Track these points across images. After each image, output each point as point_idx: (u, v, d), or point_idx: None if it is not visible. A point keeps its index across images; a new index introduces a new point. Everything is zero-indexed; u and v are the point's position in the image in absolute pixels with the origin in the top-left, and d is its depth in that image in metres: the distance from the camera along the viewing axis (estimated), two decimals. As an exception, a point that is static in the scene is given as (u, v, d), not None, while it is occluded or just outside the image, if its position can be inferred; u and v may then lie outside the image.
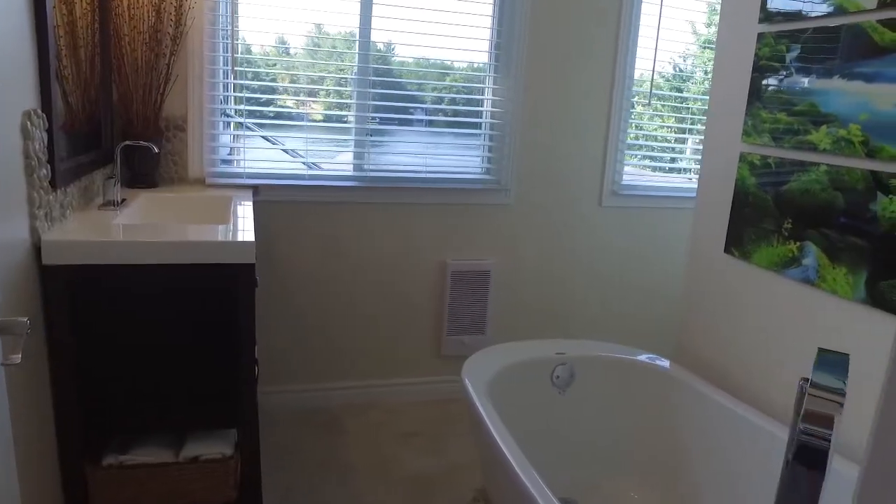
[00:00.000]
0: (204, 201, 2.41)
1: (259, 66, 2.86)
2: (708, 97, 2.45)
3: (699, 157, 3.57)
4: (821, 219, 1.85)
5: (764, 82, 2.05)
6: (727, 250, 2.20)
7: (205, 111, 2.60)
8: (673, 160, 3.60)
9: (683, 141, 3.60)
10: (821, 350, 0.90)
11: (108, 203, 2.11)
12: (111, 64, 2.32)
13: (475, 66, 3.01)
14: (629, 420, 2.35)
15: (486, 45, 2.99)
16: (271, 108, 2.84)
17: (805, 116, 1.90)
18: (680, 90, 3.53)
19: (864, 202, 1.73)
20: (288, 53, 2.88)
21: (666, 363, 2.40)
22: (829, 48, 1.83)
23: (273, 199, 2.77)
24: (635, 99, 3.27)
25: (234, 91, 2.73)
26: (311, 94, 2.90)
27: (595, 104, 3.13)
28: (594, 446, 2.34)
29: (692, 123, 3.52)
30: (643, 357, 2.43)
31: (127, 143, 2.22)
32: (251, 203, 2.38)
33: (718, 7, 2.38)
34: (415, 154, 3.02)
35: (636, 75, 3.22)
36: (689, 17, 3.32)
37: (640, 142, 3.40)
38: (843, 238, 1.79)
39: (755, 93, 2.08)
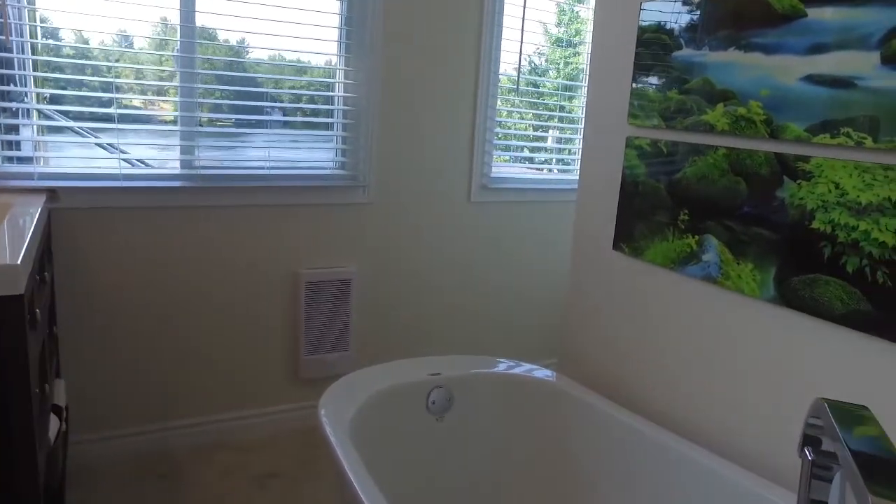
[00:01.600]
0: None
1: (68, 52, 2.30)
2: (586, 78, 2.22)
3: (563, 148, 3.47)
4: (721, 209, 1.65)
5: (650, 57, 1.83)
6: (616, 247, 1.96)
7: (-30, 95, 2.01)
8: (535, 150, 3.39)
9: (545, 136, 3.41)
10: (832, 406, 0.61)
11: None
12: None
13: (322, 52, 2.60)
14: (517, 442, 2.07)
15: (334, 33, 2.60)
16: (77, 93, 2.28)
17: (699, 94, 1.69)
18: (536, 85, 3.33)
19: (770, 189, 1.54)
20: (84, 44, 2.34)
21: (552, 375, 2.14)
22: (723, 17, 1.63)
23: (79, 205, 2.23)
24: (502, 86, 3.01)
25: (32, 70, 2.16)
26: (127, 86, 2.37)
27: (460, 93, 2.83)
28: (479, 475, 2.04)
29: (548, 119, 3.34)
30: (527, 370, 2.16)
31: None
32: (39, 211, 1.85)
33: (567, 7, 2.15)
34: (256, 150, 2.58)
35: (500, 69, 2.96)
36: (541, 17, 3.13)
37: (510, 130, 3.15)
38: (747, 230, 1.59)
39: (641, 69, 1.85)
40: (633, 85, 1.87)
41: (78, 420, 2.33)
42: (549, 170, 3.35)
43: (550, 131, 3.43)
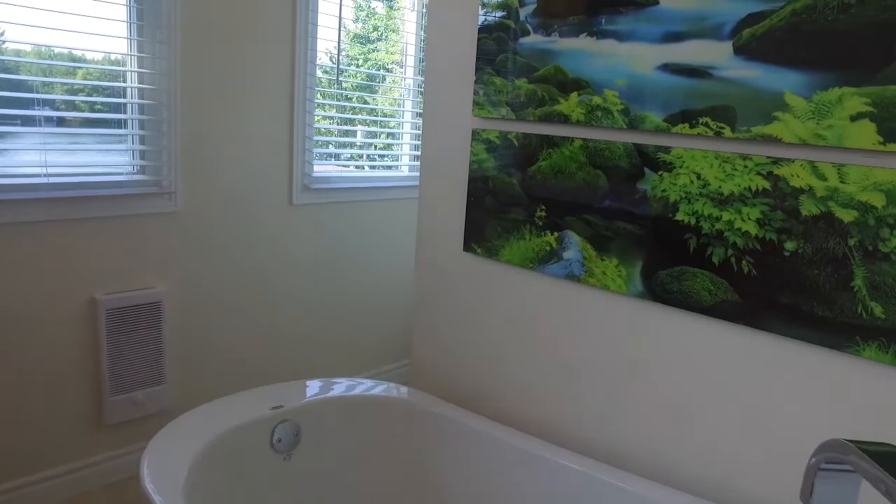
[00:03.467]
0: None
1: None
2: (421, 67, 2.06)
3: (373, 143, 3.31)
4: (581, 203, 1.58)
5: (494, 43, 1.71)
6: (467, 248, 1.83)
7: None
8: (350, 146, 3.19)
9: (354, 131, 3.22)
10: (860, 447, 0.50)
11: None
12: None
13: (105, 33, 2.18)
14: (374, 470, 1.88)
15: (122, 12, 2.19)
16: None
17: (550, 83, 1.60)
18: (340, 84, 3.13)
19: (631, 181, 1.49)
20: None
21: (404, 392, 1.97)
22: (572, 1, 1.55)
23: None
24: (321, 77, 2.77)
25: None
26: None
27: (275, 86, 2.55)
28: (336, 513, 1.82)
29: (354, 113, 3.17)
30: (377, 389, 1.97)
31: None
32: None
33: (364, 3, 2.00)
34: (28, 154, 2.11)
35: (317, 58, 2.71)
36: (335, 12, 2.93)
37: (332, 125, 2.92)
38: (609, 224, 1.53)
39: (485, 56, 1.73)
40: (477, 73, 1.75)
41: None
42: (371, 167, 3.17)
43: (358, 127, 3.25)
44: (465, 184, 1.81)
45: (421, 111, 3.26)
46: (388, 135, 3.27)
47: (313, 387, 1.95)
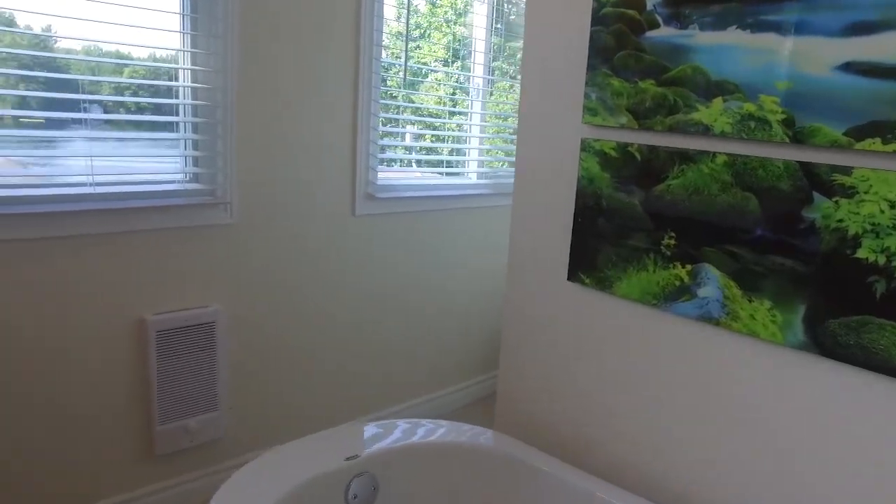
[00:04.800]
0: None
1: None
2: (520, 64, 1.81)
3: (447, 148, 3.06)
4: (723, 231, 1.31)
5: (612, 38, 1.44)
6: (573, 277, 1.57)
7: None
8: (422, 151, 2.95)
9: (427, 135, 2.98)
10: None
11: None
12: None
13: (158, 27, 1.97)
14: (456, 528, 1.64)
15: (174, 3, 1.99)
16: None
17: (685, 86, 1.33)
18: (407, 83, 2.88)
19: (794, 207, 1.21)
20: None
21: (490, 437, 1.73)
22: (719, -14, 1.28)
23: None
24: (386, 74, 2.53)
25: None
26: None
27: (337, 86, 2.31)
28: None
29: (418, 114, 2.91)
30: (463, 436, 1.72)
31: None
32: None
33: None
34: (74, 160, 1.91)
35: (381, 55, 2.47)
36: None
37: (399, 128, 2.69)
38: (761, 259, 1.26)
39: (599, 54, 1.47)
40: (589, 74, 1.49)
41: None
42: (437, 174, 2.92)
43: (423, 130, 3.00)
44: (572, 202, 1.56)
45: (489, 113, 3.03)
46: (455, 139, 3.02)
47: (390, 430, 1.71)
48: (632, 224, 1.44)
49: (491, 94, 2.98)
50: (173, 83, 2.06)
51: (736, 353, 1.31)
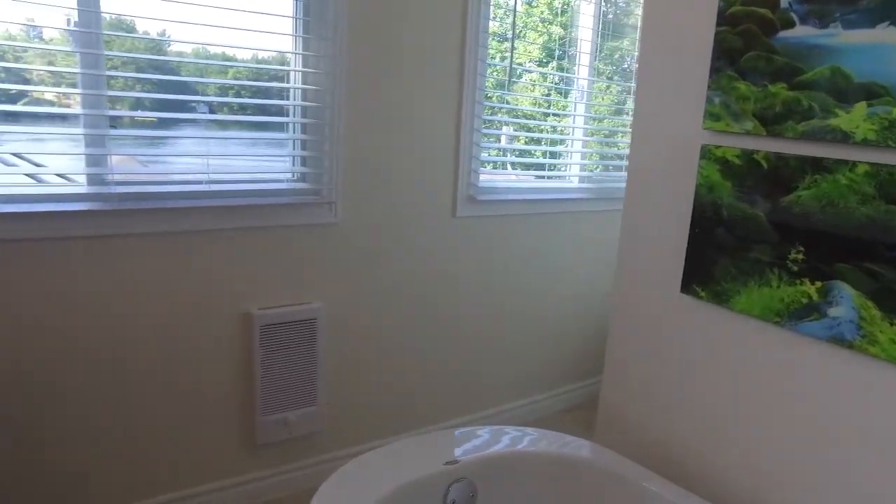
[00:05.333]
0: None
1: None
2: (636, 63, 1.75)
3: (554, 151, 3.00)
4: (861, 247, 1.20)
5: (740, 39, 1.36)
6: (687, 289, 1.50)
7: None
8: (522, 154, 2.90)
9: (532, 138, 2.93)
10: None
11: None
12: None
13: (272, 31, 2.02)
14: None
15: (287, 6, 2.03)
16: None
17: (822, 89, 1.24)
18: (511, 84, 2.84)
19: (949, 223, 1.10)
20: None
21: (588, 449, 1.67)
22: (866, -19, 1.18)
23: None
24: (491, 74, 2.51)
25: None
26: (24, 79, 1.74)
27: (442, 87, 2.31)
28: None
29: (519, 117, 2.86)
30: (565, 447, 1.68)
31: None
32: None
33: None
34: (190, 160, 1.99)
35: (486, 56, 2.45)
36: None
37: (502, 131, 2.66)
38: (906, 278, 1.15)
39: (725, 56, 1.39)
40: (713, 75, 1.41)
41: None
42: (538, 177, 2.87)
43: (524, 133, 2.95)
44: (688, 211, 1.48)
45: (591, 116, 2.95)
46: (555, 142, 2.97)
47: (488, 437, 1.69)
48: (754, 236, 1.36)
49: (593, 97, 2.91)
50: (284, 85, 2.11)
51: (873, 380, 1.21)
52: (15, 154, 1.77)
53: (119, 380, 1.88)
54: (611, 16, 2.92)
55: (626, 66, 3.05)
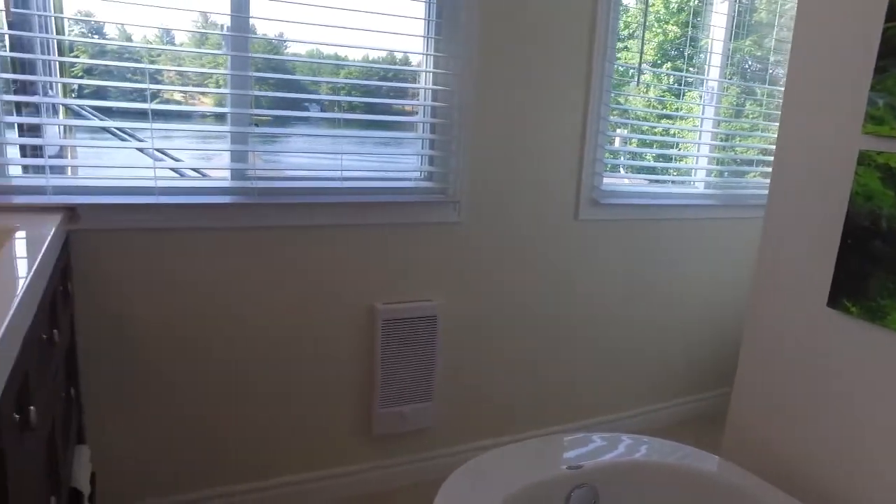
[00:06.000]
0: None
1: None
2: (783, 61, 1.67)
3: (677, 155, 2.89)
4: None
5: (909, 38, 1.27)
6: (835, 303, 1.42)
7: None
8: (651, 158, 2.83)
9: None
10: None
11: None
12: None
13: (406, 32, 2.08)
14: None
15: (420, 8, 2.08)
16: (108, 83, 1.80)
17: None
18: (640, 85, 2.76)
19: None
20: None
21: (714, 463, 1.61)
22: None
23: (103, 226, 1.75)
24: (620, 75, 2.46)
25: (54, 53, 1.68)
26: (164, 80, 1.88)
27: (568, 88, 2.29)
28: None
29: (648, 120, 2.77)
30: (687, 457, 1.63)
31: None
32: (49, 237, 1.37)
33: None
34: (322, 156, 2.07)
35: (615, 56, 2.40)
36: None
37: (627, 133, 2.60)
38: None
39: (894, 54, 1.30)
40: (877, 74, 1.32)
41: (103, 491, 1.86)
42: (661, 182, 2.78)
43: (647, 136, 2.87)
44: (839, 221, 1.40)
45: (721, 119, 2.83)
46: (675, 145, 2.88)
47: (611, 443, 1.66)
48: (920, 249, 1.26)
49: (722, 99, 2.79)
50: (416, 85, 2.16)
51: None
52: (158, 150, 1.91)
53: (248, 360, 1.99)
54: (733, 15, 2.80)
55: (746, 66, 2.91)
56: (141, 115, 1.79)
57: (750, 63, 2.94)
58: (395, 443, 2.29)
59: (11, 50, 1.64)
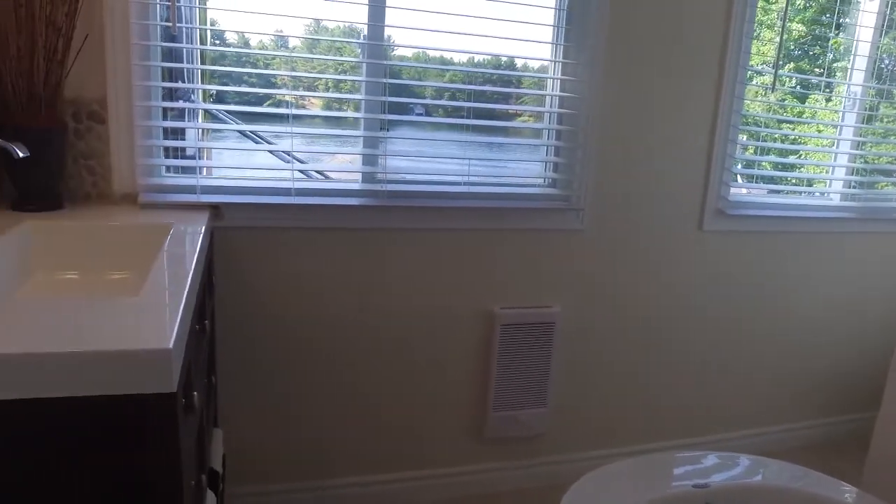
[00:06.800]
0: (122, 234, 1.48)
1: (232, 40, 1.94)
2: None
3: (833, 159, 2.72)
4: None
5: None
6: None
7: (134, 91, 1.67)
8: (784, 168, 2.69)
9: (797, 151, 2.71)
10: None
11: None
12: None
13: (535, 39, 2.07)
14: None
15: (549, 15, 2.08)
16: (247, 90, 1.91)
17: None
18: (776, 90, 2.61)
19: None
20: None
21: (853, 495, 1.52)
22: None
23: (243, 224, 1.86)
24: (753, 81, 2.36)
25: (197, 62, 1.81)
26: (309, 86, 1.97)
27: (697, 100, 2.22)
28: None
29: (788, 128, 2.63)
30: (818, 485, 1.54)
31: (-14, 142, 1.30)
32: (202, 233, 1.47)
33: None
34: (448, 160, 2.11)
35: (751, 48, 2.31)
36: None
37: (759, 142, 2.49)
38: None
39: None
40: None
41: (231, 472, 1.98)
42: (792, 193, 2.64)
43: (781, 144, 2.72)
44: None
45: (863, 126, 2.64)
46: (818, 155, 2.72)
47: (735, 463, 1.61)
48: None
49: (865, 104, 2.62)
50: (543, 92, 2.17)
51: None
52: (286, 152, 2.00)
53: (370, 353, 2.06)
54: (885, 11, 2.60)
55: (882, 65, 2.70)
56: (276, 118, 1.90)
57: (887, 62, 2.73)
58: (508, 447, 2.30)
59: (163, 60, 1.78)
